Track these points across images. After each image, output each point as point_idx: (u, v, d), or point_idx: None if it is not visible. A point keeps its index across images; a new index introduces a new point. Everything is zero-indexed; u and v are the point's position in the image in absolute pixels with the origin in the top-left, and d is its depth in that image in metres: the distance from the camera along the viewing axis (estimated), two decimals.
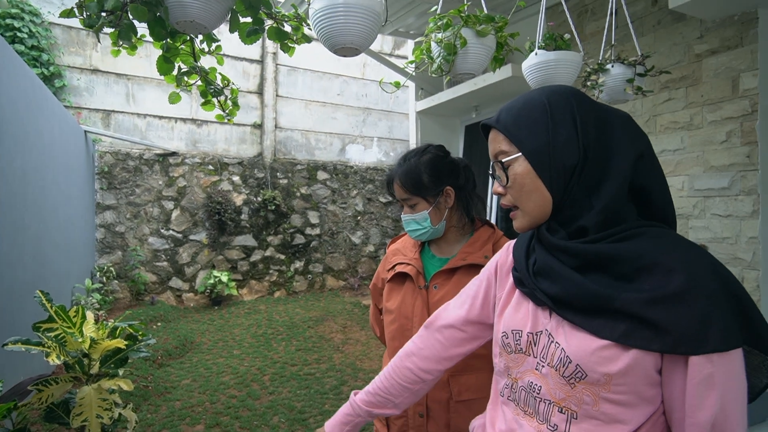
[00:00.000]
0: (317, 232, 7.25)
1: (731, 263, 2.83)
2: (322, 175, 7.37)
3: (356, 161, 7.80)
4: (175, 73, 1.92)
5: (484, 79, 4.22)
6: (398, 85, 1.85)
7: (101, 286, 5.51)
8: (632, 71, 2.22)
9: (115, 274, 5.79)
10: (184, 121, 6.61)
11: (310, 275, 7.17)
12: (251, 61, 7.04)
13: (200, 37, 1.86)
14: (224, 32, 1.97)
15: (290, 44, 1.76)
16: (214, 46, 1.92)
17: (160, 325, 5.33)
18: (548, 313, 0.80)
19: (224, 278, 6.23)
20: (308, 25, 1.66)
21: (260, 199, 6.78)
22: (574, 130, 0.77)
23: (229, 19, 1.48)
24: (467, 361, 1.24)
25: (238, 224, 6.67)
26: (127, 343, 2.15)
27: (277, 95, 7.21)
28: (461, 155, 5.50)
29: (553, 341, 0.78)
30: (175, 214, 6.37)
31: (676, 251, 0.71)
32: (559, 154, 0.77)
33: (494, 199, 4.90)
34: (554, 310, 0.78)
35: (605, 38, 2.43)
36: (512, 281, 0.90)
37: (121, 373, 2.26)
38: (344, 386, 3.82)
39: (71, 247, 4.62)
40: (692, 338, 0.66)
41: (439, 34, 1.67)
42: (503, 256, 0.98)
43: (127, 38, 1.36)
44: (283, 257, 6.99)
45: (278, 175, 7.06)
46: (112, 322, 2.28)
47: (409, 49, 6.72)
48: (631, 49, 3.14)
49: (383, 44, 7.92)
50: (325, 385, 3.85)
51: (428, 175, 1.32)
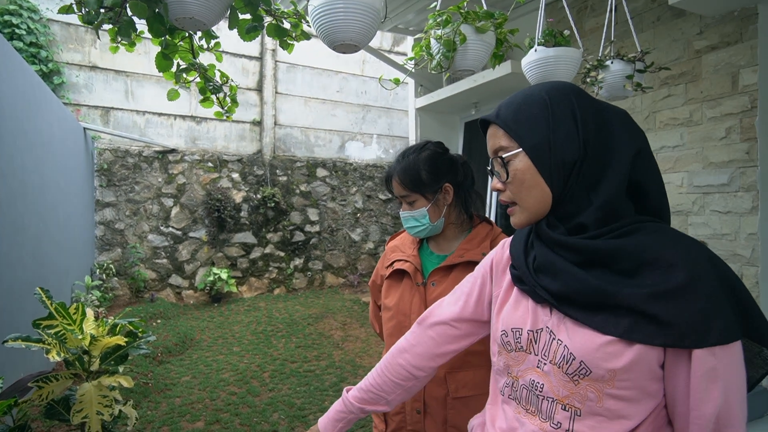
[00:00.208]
0: (317, 229, 7.25)
1: (730, 260, 2.84)
2: (321, 172, 7.37)
3: (356, 158, 7.80)
4: (173, 70, 1.92)
5: (483, 75, 4.22)
6: (398, 82, 1.85)
7: (101, 283, 5.51)
8: (632, 67, 2.22)
9: (114, 271, 5.80)
10: (183, 118, 6.60)
11: (309, 272, 7.18)
12: (250, 57, 7.02)
13: (199, 33, 1.86)
14: (223, 29, 1.96)
15: (289, 41, 1.76)
16: (212, 42, 1.91)
17: (159, 322, 5.33)
18: (548, 310, 0.80)
19: (224, 275, 6.23)
20: (307, 22, 1.66)
21: (260, 196, 6.78)
22: (574, 126, 0.77)
23: (228, 15, 1.48)
24: (464, 357, 1.24)
25: (237, 221, 6.67)
26: (127, 340, 2.15)
27: (276, 92, 7.20)
28: (461, 152, 5.49)
29: (554, 338, 0.78)
30: (174, 211, 6.37)
31: (676, 246, 0.72)
32: (559, 149, 0.77)
33: (494, 195, 4.90)
34: (555, 306, 0.78)
35: (605, 34, 2.42)
36: (509, 279, 0.90)
37: (121, 370, 2.27)
38: (344, 383, 3.82)
39: (71, 244, 4.62)
40: (695, 332, 0.67)
41: (438, 30, 1.66)
42: (498, 253, 0.97)
43: (126, 35, 1.35)
44: (282, 254, 6.99)
45: (278, 172, 7.05)
46: (111, 319, 2.28)
47: (408, 45, 6.70)
48: (630, 45, 3.13)
49: (382, 41, 7.90)
50: (324, 382, 3.86)
51: (427, 171, 1.32)
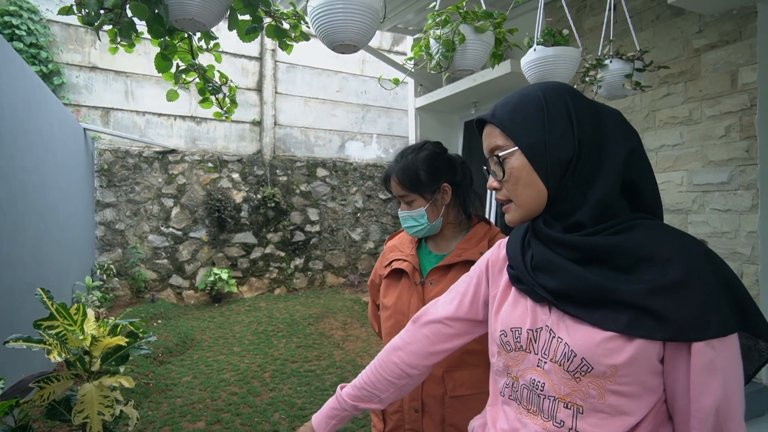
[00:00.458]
0: (317, 229, 7.26)
1: (730, 258, 2.84)
2: (321, 172, 7.37)
3: (356, 158, 7.80)
4: (173, 70, 1.92)
5: (483, 75, 4.21)
6: (397, 82, 1.85)
7: (101, 283, 5.52)
8: (630, 66, 2.22)
9: (115, 271, 5.80)
10: (183, 118, 6.60)
11: (310, 272, 7.18)
12: (250, 58, 7.02)
13: (198, 34, 1.86)
14: (223, 29, 1.96)
15: (288, 42, 1.76)
16: (212, 43, 1.92)
17: (160, 322, 5.34)
18: (547, 308, 0.80)
19: (224, 275, 6.24)
20: (306, 22, 1.66)
21: (260, 196, 6.78)
22: (569, 125, 0.78)
23: (227, 16, 1.48)
24: (462, 356, 1.24)
25: (237, 221, 6.68)
26: (127, 340, 2.16)
27: (276, 92, 7.20)
28: (460, 151, 5.49)
29: (554, 337, 0.78)
30: (174, 211, 6.37)
31: (672, 242, 0.73)
32: (554, 148, 0.78)
33: (494, 195, 4.90)
34: (554, 304, 0.78)
35: (604, 33, 2.42)
36: (507, 279, 0.90)
37: (122, 370, 2.27)
38: (344, 383, 3.83)
39: (71, 244, 4.63)
40: (694, 325, 0.67)
41: (437, 30, 1.66)
42: (494, 253, 0.97)
43: (127, 36, 1.35)
44: (283, 254, 7.00)
45: (278, 172, 7.05)
46: (112, 319, 2.29)
47: (408, 45, 6.69)
48: (629, 44, 3.13)
49: (382, 40, 7.90)
50: (325, 381, 3.87)
51: (425, 171, 1.32)
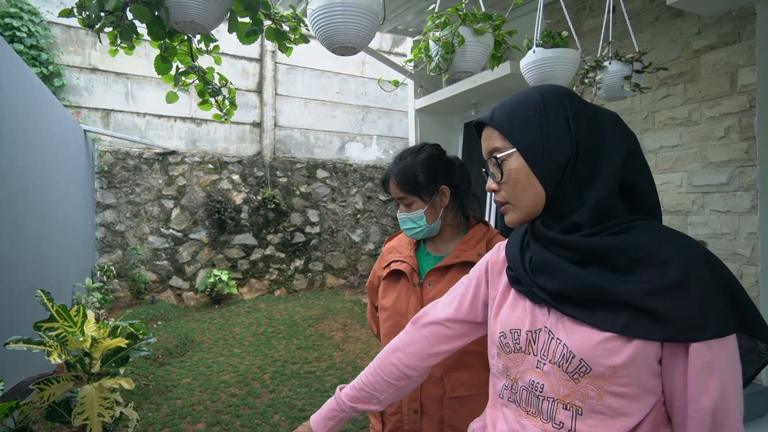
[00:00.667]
0: (317, 230, 7.26)
1: (730, 259, 2.84)
2: (321, 173, 7.38)
3: (356, 159, 7.80)
4: (172, 72, 1.93)
5: (483, 76, 4.22)
6: (397, 83, 1.86)
7: (102, 285, 5.52)
8: (630, 68, 2.22)
9: (115, 273, 5.80)
10: (183, 119, 6.61)
11: (310, 273, 7.18)
12: (250, 59, 7.03)
13: (198, 36, 1.87)
14: (223, 31, 1.97)
15: (288, 44, 1.77)
16: (212, 46, 1.92)
17: (160, 323, 5.34)
18: (546, 310, 0.80)
19: (224, 277, 6.24)
20: (306, 25, 1.66)
21: (260, 197, 6.79)
22: (566, 127, 0.79)
23: (227, 19, 1.48)
24: (461, 357, 1.25)
25: (238, 223, 6.68)
26: (127, 342, 2.16)
27: (276, 94, 7.21)
28: (460, 152, 5.49)
29: (553, 338, 0.78)
30: (175, 213, 6.37)
31: (670, 243, 0.73)
32: (552, 150, 0.79)
33: (493, 196, 4.90)
34: (553, 305, 0.78)
35: (603, 35, 2.43)
36: (506, 281, 0.90)
37: (122, 371, 2.27)
38: (344, 384, 3.83)
39: (71, 246, 4.63)
40: (692, 326, 0.68)
41: (436, 32, 1.67)
42: (494, 255, 0.98)
43: (128, 38, 1.36)
44: (283, 256, 7.00)
45: (278, 173, 7.06)
46: (112, 321, 2.29)
47: (408, 46, 6.70)
48: (629, 45, 3.14)
49: (382, 42, 7.91)
50: (325, 383, 3.86)
51: (424, 174, 1.33)
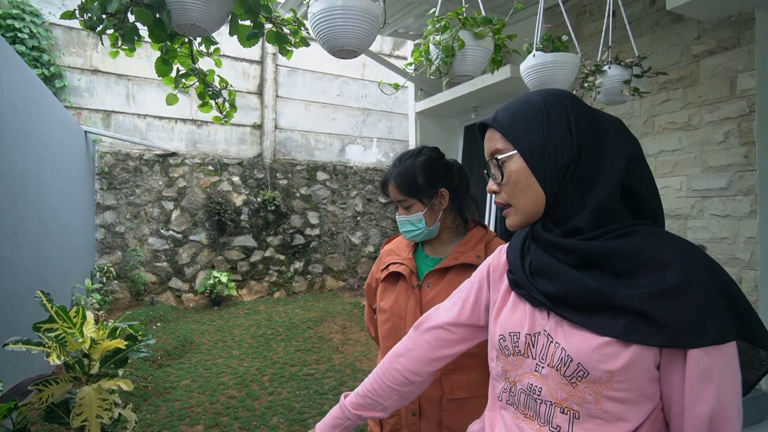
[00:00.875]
0: (317, 232, 7.26)
1: (729, 263, 2.84)
2: (321, 175, 7.38)
3: (356, 162, 7.81)
4: (173, 74, 1.93)
5: (483, 80, 4.23)
6: (397, 87, 1.86)
7: (101, 286, 5.52)
8: (629, 72, 2.23)
9: (114, 274, 5.80)
10: (184, 121, 6.62)
11: (309, 276, 7.18)
12: (251, 61, 7.05)
13: (198, 39, 1.87)
14: (224, 33, 1.97)
15: (288, 48, 1.77)
16: (212, 48, 1.93)
17: (159, 325, 5.33)
18: (546, 313, 0.80)
19: (224, 279, 6.23)
20: (306, 28, 1.67)
21: (260, 199, 6.79)
22: (568, 130, 0.79)
23: (228, 21, 1.49)
24: (459, 359, 1.24)
25: (237, 225, 6.68)
26: (127, 343, 2.16)
27: (276, 96, 7.22)
28: (460, 156, 5.50)
29: (552, 341, 0.78)
30: (175, 214, 6.38)
31: (670, 247, 0.72)
32: (553, 152, 0.79)
33: (494, 198, 4.90)
34: (552, 309, 0.78)
35: (603, 39, 2.43)
36: (507, 284, 0.90)
37: (120, 373, 2.27)
38: (343, 387, 3.82)
39: (71, 247, 4.63)
40: (690, 332, 0.67)
41: (437, 36, 1.67)
42: (496, 259, 0.98)
43: (130, 41, 1.36)
44: (282, 258, 7.00)
45: (278, 175, 7.06)
46: (112, 322, 2.29)
47: (408, 49, 6.72)
48: (629, 50, 3.14)
49: (383, 45, 7.93)
50: (324, 385, 3.86)
51: (423, 176, 1.34)
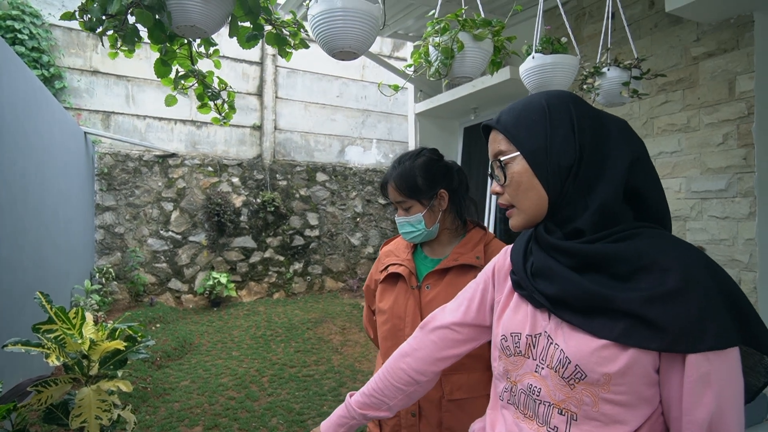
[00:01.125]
0: (316, 233, 7.26)
1: (728, 265, 2.84)
2: (321, 176, 7.38)
3: (355, 163, 7.81)
4: (172, 76, 1.93)
5: (482, 81, 4.23)
6: (397, 88, 1.86)
7: (100, 287, 5.51)
8: (628, 74, 2.23)
9: (114, 275, 5.80)
10: (183, 122, 6.62)
11: (309, 277, 7.18)
12: (251, 62, 7.05)
13: (198, 40, 1.88)
14: (224, 34, 1.98)
15: (288, 49, 1.77)
16: (211, 49, 1.93)
17: (159, 326, 5.33)
18: (547, 315, 0.81)
19: (223, 279, 6.23)
20: (306, 30, 1.67)
21: (259, 200, 6.79)
22: (571, 131, 0.79)
23: (228, 23, 1.49)
24: (460, 360, 1.25)
25: (237, 226, 6.68)
26: (126, 344, 2.15)
27: (276, 97, 7.22)
28: (460, 157, 5.51)
29: (552, 343, 0.78)
30: (174, 215, 6.38)
31: (672, 251, 0.72)
32: (555, 154, 0.78)
33: (495, 199, 4.91)
34: (551, 310, 0.78)
35: (602, 41, 2.44)
36: (510, 285, 0.91)
37: (120, 374, 2.27)
38: (343, 388, 3.82)
39: (70, 248, 4.63)
40: (689, 336, 0.67)
41: (436, 38, 1.68)
42: (501, 259, 0.98)
43: (130, 42, 1.36)
44: (282, 259, 6.99)
45: (277, 176, 7.07)
46: (111, 323, 2.29)
47: (408, 50, 6.73)
48: (628, 52, 3.15)
49: (382, 46, 7.94)
50: (323, 386, 3.86)
51: (422, 178, 1.34)
